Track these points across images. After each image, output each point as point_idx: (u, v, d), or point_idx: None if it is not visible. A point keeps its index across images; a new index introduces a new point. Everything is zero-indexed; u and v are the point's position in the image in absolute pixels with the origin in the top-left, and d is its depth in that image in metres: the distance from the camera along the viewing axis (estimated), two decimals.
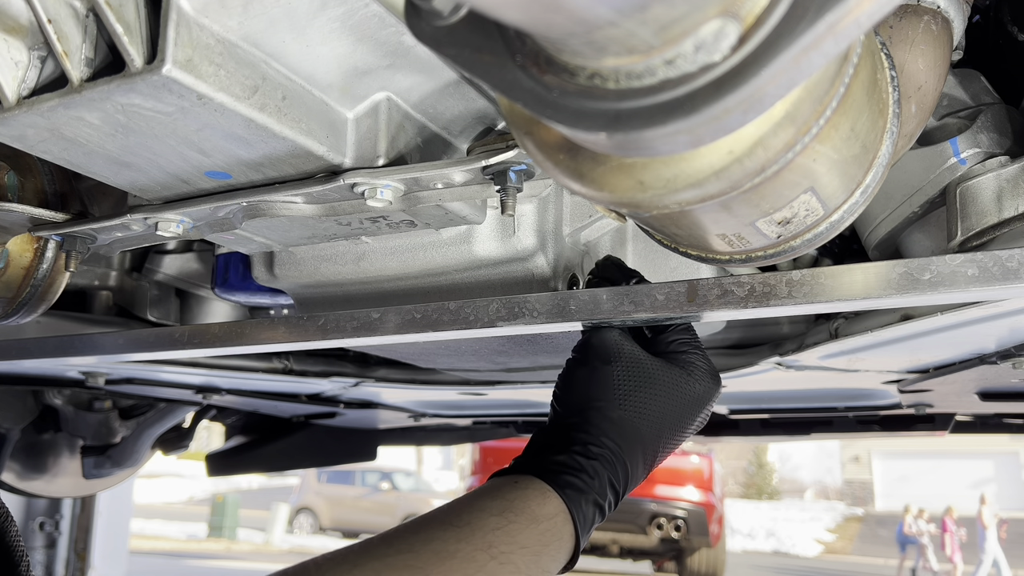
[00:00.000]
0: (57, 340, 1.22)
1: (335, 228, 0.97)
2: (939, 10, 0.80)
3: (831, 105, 0.48)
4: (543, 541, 0.70)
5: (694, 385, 0.80)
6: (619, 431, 0.76)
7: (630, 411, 0.77)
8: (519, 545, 0.68)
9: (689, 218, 0.60)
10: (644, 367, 0.79)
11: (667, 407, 0.78)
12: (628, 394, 0.77)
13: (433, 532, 0.68)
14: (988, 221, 0.89)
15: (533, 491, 0.72)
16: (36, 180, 1.06)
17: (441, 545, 0.66)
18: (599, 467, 0.74)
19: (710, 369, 0.82)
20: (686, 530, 6.72)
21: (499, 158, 0.78)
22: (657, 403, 0.78)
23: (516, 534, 0.68)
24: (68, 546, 3.74)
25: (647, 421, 0.77)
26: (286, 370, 1.72)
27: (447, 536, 0.67)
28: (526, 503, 0.70)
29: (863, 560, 14.28)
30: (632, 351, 0.80)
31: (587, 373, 0.80)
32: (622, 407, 0.77)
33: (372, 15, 0.70)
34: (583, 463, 0.73)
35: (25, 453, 2.55)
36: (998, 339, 1.18)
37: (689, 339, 0.84)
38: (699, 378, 0.81)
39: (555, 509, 0.71)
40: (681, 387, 0.80)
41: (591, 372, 0.79)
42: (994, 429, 2.23)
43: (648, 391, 0.78)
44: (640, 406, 0.77)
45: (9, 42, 0.70)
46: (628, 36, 0.37)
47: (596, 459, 0.74)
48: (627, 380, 0.78)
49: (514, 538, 0.68)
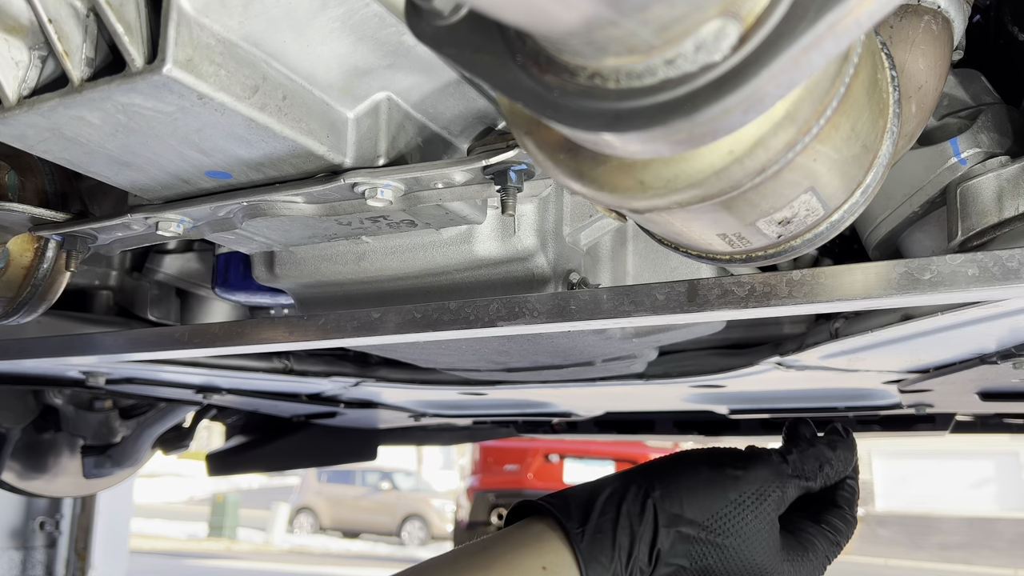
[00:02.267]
0: (57, 340, 1.22)
1: (335, 228, 0.97)
2: (939, 10, 0.80)
3: (831, 105, 0.48)
4: None
5: (780, 570, 0.73)
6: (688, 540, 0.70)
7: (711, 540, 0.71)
8: None
9: (689, 218, 0.60)
10: (760, 532, 0.72)
11: (745, 569, 0.72)
12: (721, 531, 0.71)
13: None
14: (988, 221, 0.89)
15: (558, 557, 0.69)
16: (37, 180, 1.06)
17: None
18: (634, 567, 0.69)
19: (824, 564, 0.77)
20: None
21: (499, 158, 0.78)
22: (740, 560, 0.71)
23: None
24: (68, 546, 3.74)
25: (722, 562, 0.71)
26: (286, 370, 1.72)
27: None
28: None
29: (863, 560, 14.27)
30: (765, 510, 0.73)
31: (712, 478, 0.73)
32: (707, 532, 0.71)
33: (372, 15, 0.70)
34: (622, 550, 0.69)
35: (25, 453, 2.55)
36: (998, 339, 1.18)
37: (828, 549, 0.77)
38: (794, 570, 0.75)
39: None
40: (769, 570, 0.73)
41: (715, 481, 0.73)
42: (994, 429, 2.23)
43: (740, 549, 0.71)
44: (724, 548, 0.71)
45: (9, 42, 0.71)
46: (628, 36, 0.37)
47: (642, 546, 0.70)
48: (731, 523, 0.71)
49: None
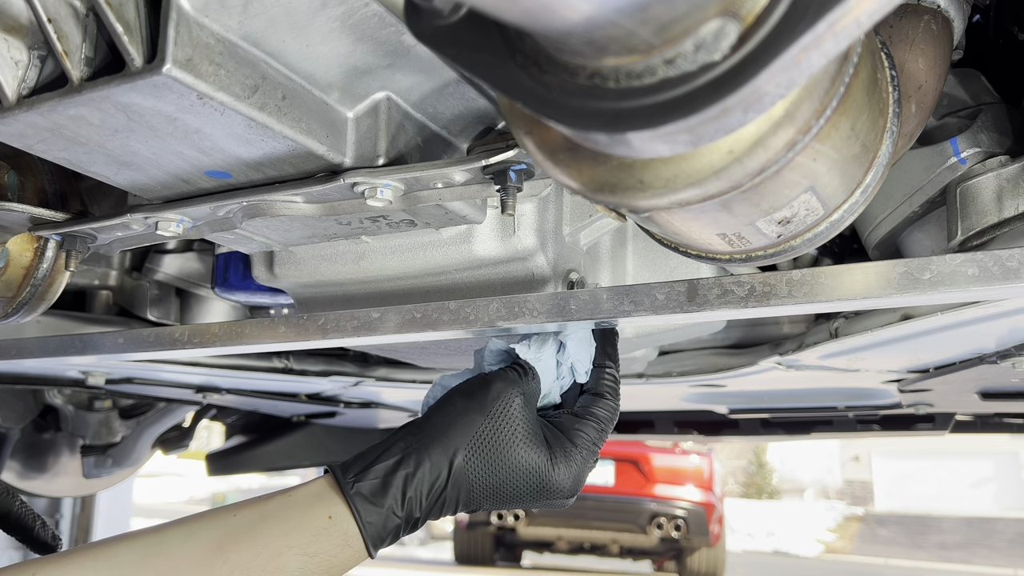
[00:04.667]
0: (57, 340, 1.22)
1: (335, 227, 0.97)
2: (939, 9, 0.80)
3: (831, 104, 0.48)
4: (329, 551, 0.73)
5: (554, 477, 0.79)
6: (450, 475, 0.76)
7: (471, 466, 0.77)
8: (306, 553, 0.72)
9: (689, 218, 0.60)
10: (517, 440, 0.78)
11: (512, 482, 0.78)
12: (480, 453, 0.77)
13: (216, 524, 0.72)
14: (988, 220, 0.89)
15: (340, 509, 0.74)
16: (36, 179, 1.06)
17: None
18: (410, 493, 0.75)
19: (577, 474, 0.81)
20: (686, 530, 6.71)
21: (499, 158, 0.78)
22: (504, 475, 0.78)
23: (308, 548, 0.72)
24: (68, 545, 3.74)
25: (484, 483, 0.77)
26: (286, 369, 1.72)
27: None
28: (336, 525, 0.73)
29: (863, 560, 14.27)
30: (516, 416, 0.79)
31: (463, 410, 0.79)
32: (467, 460, 0.77)
33: (372, 15, 0.70)
34: (388, 485, 0.74)
35: (25, 452, 2.55)
36: (998, 339, 1.18)
37: (594, 436, 0.83)
38: (562, 473, 0.80)
39: (354, 529, 0.73)
40: (538, 472, 0.79)
41: (466, 412, 0.79)
42: (994, 429, 2.23)
43: (503, 464, 0.78)
44: (485, 470, 0.77)
45: (9, 42, 0.70)
46: (628, 36, 0.37)
47: (413, 488, 0.75)
48: (489, 441, 0.78)
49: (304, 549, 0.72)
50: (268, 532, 0.72)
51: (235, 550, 0.70)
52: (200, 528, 0.72)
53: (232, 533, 0.71)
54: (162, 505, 19.66)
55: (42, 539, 1.03)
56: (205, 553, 0.69)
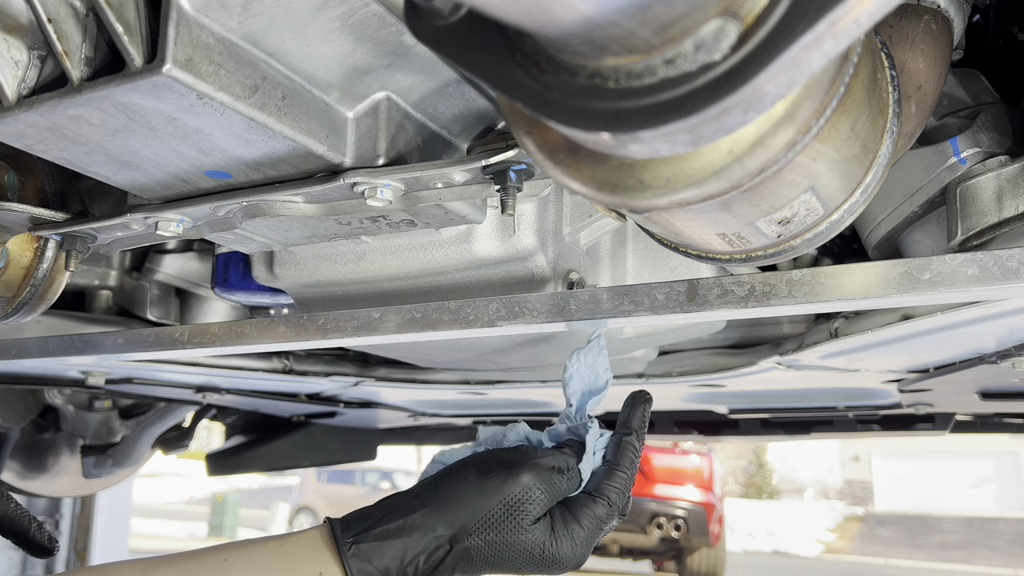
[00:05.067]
0: (57, 340, 1.22)
1: (335, 227, 0.97)
2: (939, 9, 0.80)
3: (831, 104, 0.48)
4: None
5: (557, 555, 0.77)
6: (449, 543, 0.75)
7: (473, 540, 0.76)
8: None
9: (689, 218, 0.60)
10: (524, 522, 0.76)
11: (513, 557, 0.77)
12: (490, 531, 0.76)
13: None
14: (988, 220, 0.89)
15: (331, 567, 0.72)
16: (36, 179, 1.06)
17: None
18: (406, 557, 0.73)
19: (582, 552, 0.79)
20: (686, 530, 6.72)
21: (499, 157, 0.78)
22: (505, 554, 0.76)
23: None
24: (68, 545, 3.74)
25: (483, 554, 0.76)
26: (286, 369, 1.72)
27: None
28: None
29: (863, 560, 14.26)
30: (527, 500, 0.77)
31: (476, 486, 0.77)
32: (468, 533, 0.75)
33: (372, 14, 0.70)
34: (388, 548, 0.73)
35: (25, 452, 2.55)
36: (998, 339, 1.18)
37: (603, 516, 0.80)
38: (565, 553, 0.78)
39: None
40: (543, 554, 0.77)
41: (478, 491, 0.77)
42: (994, 429, 2.23)
43: (506, 543, 0.76)
44: (487, 544, 0.76)
45: (9, 41, 0.70)
46: (628, 36, 0.37)
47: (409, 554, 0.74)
48: (499, 522, 0.76)
49: None
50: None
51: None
52: (190, 571, 0.71)
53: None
54: (162, 505, 19.66)
55: (39, 542, 1.03)
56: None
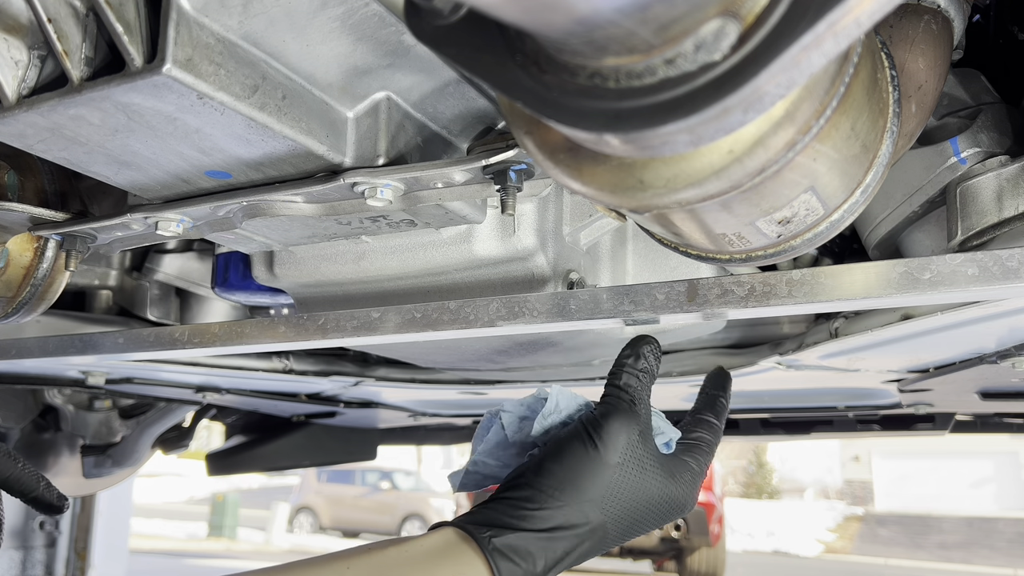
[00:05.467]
0: (57, 340, 1.22)
1: (335, 227, 0.97)
2: (939, 9, 0.80)
3: (831, 104, 0.48)
4: None
5: (676, 496, 0.78)
6: (590, 532, 0.74)
7: (609, 516, 0.75)
8: None
9: (689, 217, 0.60)
10: (647, 475, 0.76)
11: (645, 516, 0.77)
12: (617, 500, 0.75)
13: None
14: (988, 220, 0.89)
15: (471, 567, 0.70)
16: (36, 179, 1.06)
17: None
18: (550, 557, 0.73)
19: (695, 491, 0.80)
20: (686, 529, 6.72)
21: (499, 157, 0.78)
22: (638, 513, 0.76)
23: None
24: (68, 545, 3.74)
25: (619, 526, 0.76)
26: (286, 369, 1.72)
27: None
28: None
29: (863, 560, 14.27)
30: (642, 455, 0.77)
31: (587, 459, 0.76)
32: (605, 512, 0.75)
33: (372, 14, 0.70)
34: (534, 550, 0.72)
35: (25, 452, 2.54)
36: (998, 338, 1.18)
37: (705, 456, 0.81)
38: (685, 491, 0.79)
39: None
40: (666, 496, 0.77)
41: (591, 461, 0.76)
42: (994, 429, 2.23)
43: (638, 506, 0.76)
44: (621, 514, 0.76)
45: (9, 41, 0.70)
46: (628, 35, 0.37)
47: (551, 551, 0.73)
48: (624, 486, 0.76)
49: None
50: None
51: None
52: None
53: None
54: (162, 505, 19.68)
55: (47, 500, 1.02)
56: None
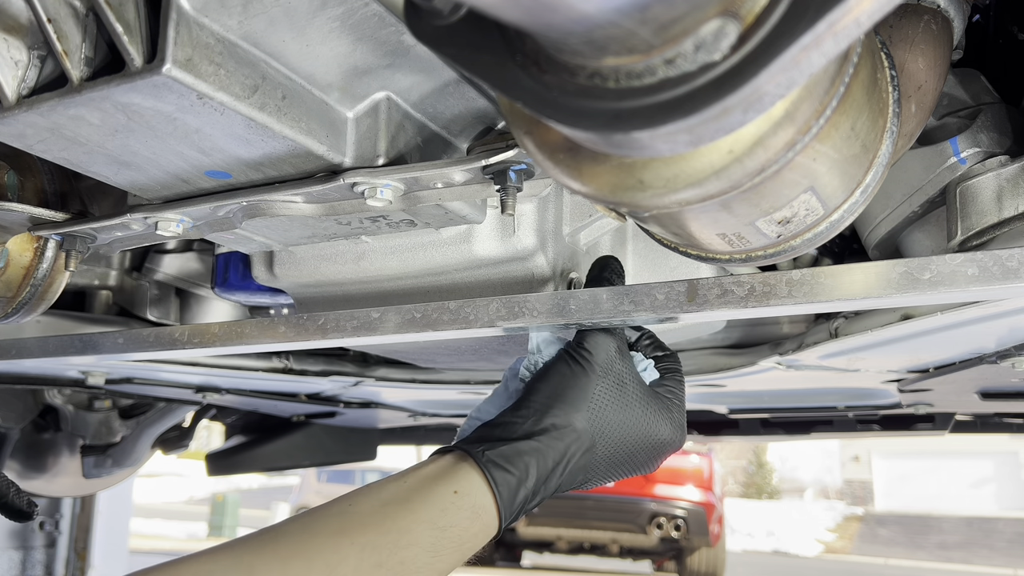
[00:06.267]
0: (57, 340, 1.22)
1: (335, 227, 0.97)
2: (939, 9, 0.80)
3: (831, 104, 0.48)
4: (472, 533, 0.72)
5: (663, 429, 0.81)
6: (577, 439, 0.77)
7: (595, 426, 0.78)
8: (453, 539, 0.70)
9: (689, 217, 0.60)
10: (627, 391, 0.80)
11: (631, 437, 0.79)
12: (600, 410, 0.78)
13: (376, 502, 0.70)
14: (988, 220, 0.89)
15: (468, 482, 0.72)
16: (36, 179, 1.06)
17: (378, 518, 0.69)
18: (541, 463, 0.75)
19: (682, 423, 0.83)
20: (686, 530, 6.72)
21: (499, 157, 0.78)
22: (623, 430, 0.79)
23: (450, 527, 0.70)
24: (68, 545, 3.73)
25: (606, 444, 0.78)
26: (286, 369, 1.72)
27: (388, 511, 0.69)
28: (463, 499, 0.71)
29: (863, 560, 14.27)
30: (622, 371, 0.81)
31: (570, 373, 0.80)
32: (590, 421, 0.78)
33: (372, 14, 0.70)
34: (525, 455, 0.74)
35: (25, 452, 2.55)
36: (998, 339, 1.18)
37: (679, 386, 0.85)
38: (671, 426, 0.82)
39: (486, 502, 0.72)
40: (652, 425, 0.80)
41: (575, 374, 0.80)
42: (994, 429, 2.23)
43: (620, 414, 0.79)
44: (606, 428, 0.78)
45: (9, 41, 0.70)
46: (628, 35, 0.37)
47: (541, 456, 0.75)
48: (605, 397, 0.79)
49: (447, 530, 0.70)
50: (393, 513, 0.69)
51: (360, 532, 0.67)
52: (315, 520, 0.69)
53: (353, 517, 0.68)
54: (162, 505, 19.67)
55: (16, 506, 1.03)
56: (329, 538, 0.66)
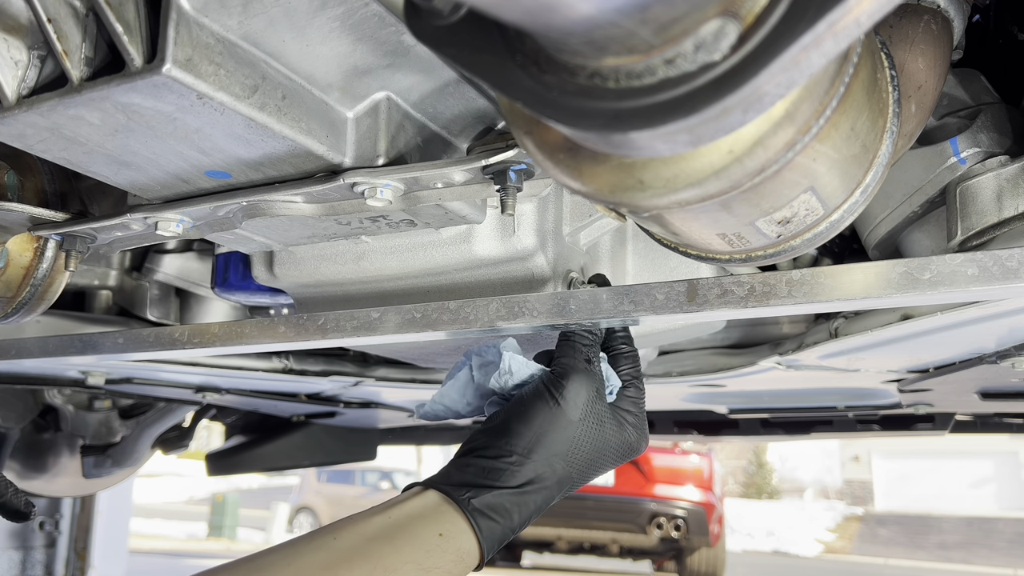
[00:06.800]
0: (57, 340, 1.22)
1: (335, 227, 0.97)
2: (939, 9, 0.80)
3: (831, 104, 0.48)
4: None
5: (630, 441, 0.85)
6: (558, 483, 0.80)
7: (574, 467, 0.81)
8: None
9: (689, 217, 0.60)
10: (604, 427, 0.83)
11: (603, 461, 0.83)
12: (579, 451, 0.81)
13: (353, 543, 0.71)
14: (988, 220, 0.89)
15: (453, 526, 0.74)
16: (36, 179, 1.05)
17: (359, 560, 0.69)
18: (524, 511, 0.78)
19: (645, 429, 0.87)
20: (686, 530, 6.71)
21: (499, 157, 0.78)
22: (598, 463, 0.83)
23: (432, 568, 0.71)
24: (68, 545, 3.73)
25: (581, 474, 0.82)
26: (286, 369, 1.72)
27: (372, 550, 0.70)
28: (448, 542, 0.73)
29: (863, 560, 14.26)
30: (600, 411, 0.83)
31: (551, 417, 0.81)
32: (569, 464, 0.81)
33: (372, 14, 0.70)
34: (510, 506, 0.77)
35: (25, 452, 2.55)
36: (998, 338, 1.18)
37: (640, 394, 0.88)
38: (637, 435, 0.86)
39: (471, 546, 0.74)
40: (621, 442, 0.84)
41: (555, 419, 0.81)
42: (994, 429, 2.23)
43: (597, 454, 0.82)
44: (585, 466, 0.82)
45: (9, 41, 0.70)
46: (628, 35, 0.37)
47: (526, 507, 0.77)
48: (585, 438, 0.81)
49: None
50: (378, 550, 0.69)
51: (346, 568, 0.67)
52: (300, 554, 0.69)
53: (338, 552, 0.69)
54: (162, 505, 19.67)
55: (14, 506, 1.03)
56: (314, 573, 0.66)
